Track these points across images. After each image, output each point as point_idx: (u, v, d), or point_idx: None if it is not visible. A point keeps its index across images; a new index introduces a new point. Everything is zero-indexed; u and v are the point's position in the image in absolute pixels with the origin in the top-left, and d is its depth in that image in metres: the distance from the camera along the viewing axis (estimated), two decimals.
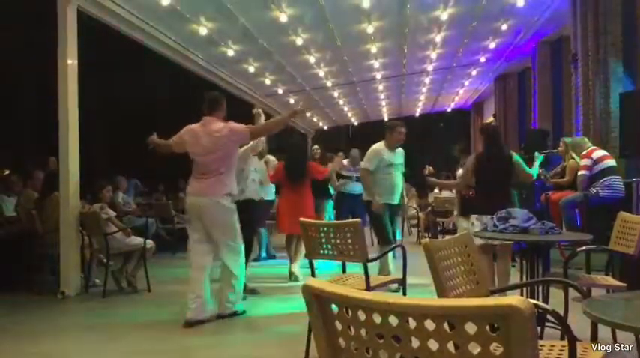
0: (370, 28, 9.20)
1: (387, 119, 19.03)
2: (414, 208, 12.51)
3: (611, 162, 6.63)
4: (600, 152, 6.73)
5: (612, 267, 4.58)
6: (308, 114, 16.05)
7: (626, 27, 7.90)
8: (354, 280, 4.29)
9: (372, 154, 6.47)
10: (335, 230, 4.06)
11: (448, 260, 2.46)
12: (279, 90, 13.81)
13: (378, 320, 1.22)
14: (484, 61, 12.42)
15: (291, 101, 15.17)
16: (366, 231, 5.11)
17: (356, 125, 20.28)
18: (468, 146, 15.56)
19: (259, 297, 6.17)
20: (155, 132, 5.46)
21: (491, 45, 10.93)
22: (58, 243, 6.54)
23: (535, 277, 4.27)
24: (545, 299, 4.31)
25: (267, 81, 12.62)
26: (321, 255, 4.16)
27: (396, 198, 6.52)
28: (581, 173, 6.62)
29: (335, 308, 1.30)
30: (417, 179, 12.24)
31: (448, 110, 19.79)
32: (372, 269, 4.12)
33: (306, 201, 7.21)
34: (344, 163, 8.83)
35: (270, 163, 7.70)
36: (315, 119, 18.47)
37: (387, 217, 6.40)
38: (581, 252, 4.28)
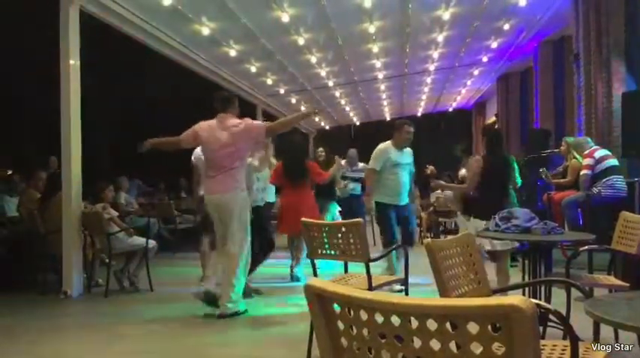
0: (372, 28, 9.19)
1: (388, 119, 19.06)
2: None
3: (613, 161, 6.61)
4: (602, 151, 6.71)
5: (615, 267, 4.56)
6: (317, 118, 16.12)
7: (629, 26, 7.89)
8: (356, 280, 4.28)
9: (378, 154, 6.40)
10: (337, 230, 4.06)
11: (450, 260, 2.46)
12: (281, 90, 13.82)
13: (380, 320, 1.22)
14: (486, 61, 12.42)
15: (293, 101, 15.18)
16: (367, 231, 5.12)
17: (358, 125, 20.28)
18: (470, 146, 15.52)
19: (262, 297, 6.17)
20: (149, 137, 5.52)
21: (494, 44, 10.92)
22: (60, 243, 6.55)
23: (537, 277, 4.27)
24: (547, 299, 4.31)
25: (269, 81, 12.63)
26: (323, 255, 4.16)
27: (403, 199, 6.38)
28: (584, 172, 6.61)
29: (337, 308, 1.30)
30: (419, 179, 12.22)
31: (450, 110, 19.78)
32: (374, 270, 4.11)
33: (307, 201, 7.12)
34: (341, 164, 8.74)
35: (271, 165, 7.69)
36: (317, 119, 18.47)
37: (392, 218, 6.29)
38: (583, 251, 4.28)
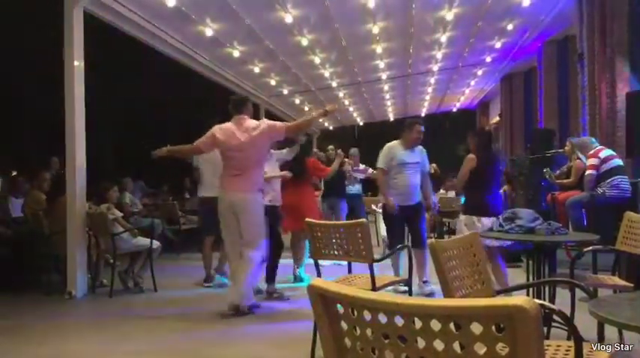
0: (375, 29, 9.19)
1: (392, 119, 19.06)
2: None
3: (618, 161, 6.59)
4: (607, 151, 6.69)
5: (619, 267, 4.56)
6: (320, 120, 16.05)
7: (633, 26, 7.86)
8: (359, 280, 4.29)
9: (384, 152, 6.33)
10: (340, 230, 4.06)
11: (454, 260, 2.46)
12: (285, 91, 13.83)
13: (384, 320, 1.22)
14: (490, 61, 12.40)
15: (297, 101, 15.19)
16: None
17: (361, 125, 20.28)
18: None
19: (264, 299, 6.16)
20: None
21: (497, 44, 10.90)
22: (65, 244, 6.57)
23: (541, 277, 4.26)
24: (551, 299, 4.30)
25: (272, 81, 12.64)
26: (327, 255, 4.17)
27: (411, 199, 6.22)
28: (589, 172, 6.59)
29: (340, 308, 1.31)
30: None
31: (454, 110, 19.77)
32: (377, 270, 4.11)
33: (307, 199, 7.00)
34: (343, 158, 8.63)
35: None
36: (320, 119, 18.43)
37: (398, 219, 6.19)
38: (587, 252, 4.27)
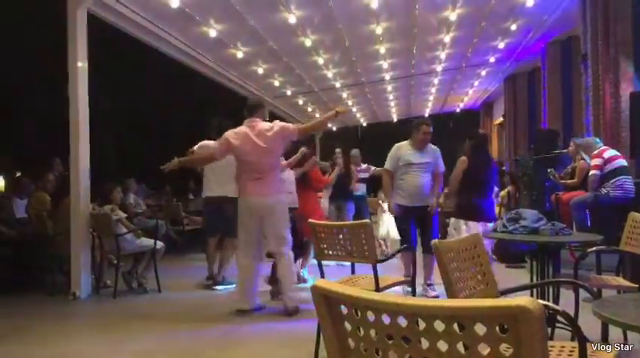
0: (379, 29, 9.19)
1: (396, 120, 19.04)
2: None
3: (622, 162, 6.57)
4: (611, 152, 6.67)
5: (623, 268, 4.55)
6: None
7: (636, 27, 7.84)
8: (363, 281, 4.29)
9: (391, 153, 6.30)
10: (344, 231, 4.07)
11: (458, 261, 2.46)
12: (288, 92, 13.84)
13: (387, 321, 1.22)
14: (493, 61, 12.37)
15: (300, 102, 15.19)
16: None
17: (365, 126, 20.26)
18: None
19: (267, 299, 6.17)
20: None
21: (501, 45, 10.88)
22: (69, 245, 6.59)
23: (545, 278, 4.26)
24: (555, 300, 4.29)
25: (276, 82, 12.65)
26: (331, 256, 4.17)
27: (420, 200, 6.11)
28: (593, 172, 6.57)
29: (344, 309, 1.31)
30: None
31: (457, 110, 19.74)
32: (380, 271, 4.11)
33: (310, 202, 6.96)
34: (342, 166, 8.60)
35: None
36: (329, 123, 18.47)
37: (406, 220, 6.13)
38: (591, 252, 4.26)
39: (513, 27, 9.65)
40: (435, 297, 5.85)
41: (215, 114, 7.60)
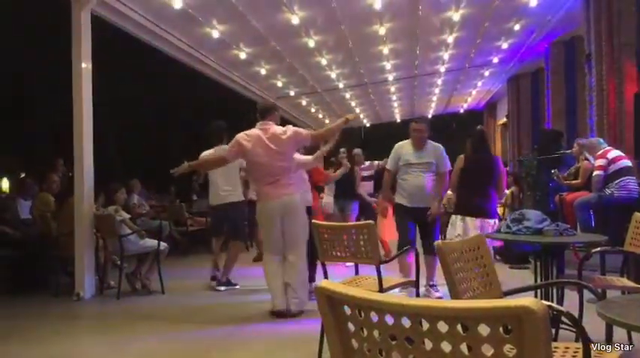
0: (382, 30, 9.19)
1: (399, 120, 19.05)
2: None
3: (626, 162, 6.56)
4: (615, 152, 6.66)
5: (627, 269, 4.54)
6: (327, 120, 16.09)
7: None
8: (366, 282, 4.28)
9: (392, 153, 6.20)
10: (348, 232, 4.06)
11: (461, 261, 2.45)
12: (291, 92, 13.85)
13: (391, 321, 1.22)
14: (497, 62, 12.36)
15: (304, 103, 15.19)
16: None
17: (368, 126, 20.26)
18: None
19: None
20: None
21: (504, 45, 10.87)
22: (72, 245, 6.60)
23: (549, 279, 4.24)
24: (559, 301, 4.28)
25: (279, 83, 12.66)
26: (334, 257, 4.16)
27: (420, 201, 5.92)
28: (596, 173, 6.56)
29: (347, 310, 1.30)
30: None
31: (461, 111, 19.73)
32: (384, 272, 4.11)
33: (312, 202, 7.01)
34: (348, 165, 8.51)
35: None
36: (327, 121, 18.48)
37: (405, 220, 5.95)
38: (595, 253, 4.25)
39: (517, 27, 9.64)
40: (439, 298, 5.84)
41: (218, 115, 7.60)
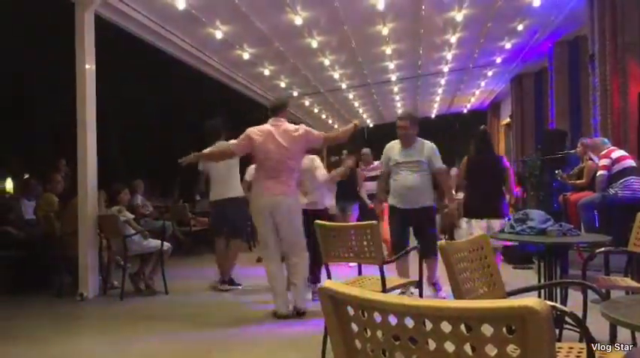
0: (385, 30, 9.19)
1: None
2: None
3: (630, 162, 6.54)
4: (619, 152, 6.65)
5: (632, 269, 4.52)
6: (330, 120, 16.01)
7: None
8: (369, 282, 4.28)
9: (383, 153, 6.04)
10: (351, 232, 4.06)
11: (465, 262, 2.45)
12: (295, 93, 13.85)
13: (394, 321, 1.22)
14: (500, 62, 12.35)
15: (307, 103, 15.20)
16: None
17: (371, 127, 20.26)
18: None
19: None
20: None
21: (508, 45, 10.85)
22: (76, 245, 6.61)
23: (553, 279, 4.24)
24: (563, 301, 4.28)
25: (282, 84, 12.67)
26: (337, 257, 4.16)
27: (411, 202, 5.64)
28: (601, 173, 6.55)
29: (351, 310, 1.30)
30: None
31: (465, 111, 19.70)
32: (388, 272, 4.11)
33: None
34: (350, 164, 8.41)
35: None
36: (330, 121, 18.51)
37: (397, 222, 5.75)
38: (599, 253, 4.24)
39: (520, 27, 9.62)
40: (443, 298, 5.83)
41: (221, 115, 7.59)
